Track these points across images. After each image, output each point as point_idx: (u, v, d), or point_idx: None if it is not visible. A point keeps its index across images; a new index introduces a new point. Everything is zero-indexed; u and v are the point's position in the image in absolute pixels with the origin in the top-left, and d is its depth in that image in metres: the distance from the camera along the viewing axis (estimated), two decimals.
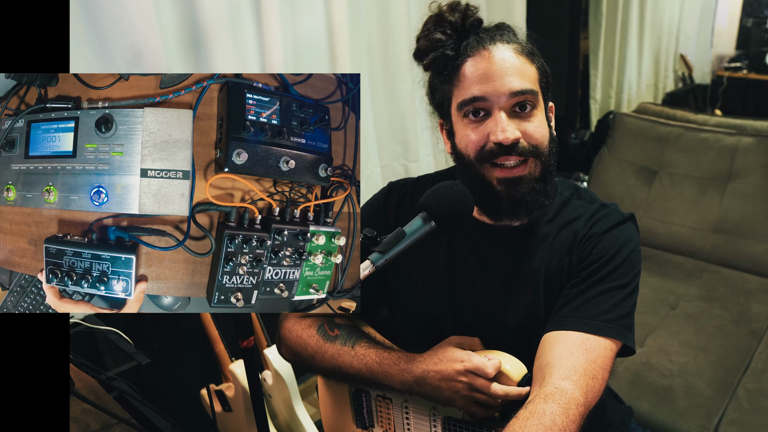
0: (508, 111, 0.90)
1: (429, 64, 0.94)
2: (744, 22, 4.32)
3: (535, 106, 0.92)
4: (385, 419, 1.06)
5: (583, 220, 0.99)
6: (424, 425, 1.01)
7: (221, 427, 1.75)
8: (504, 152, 0.90)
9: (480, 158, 0.93)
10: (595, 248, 0.95)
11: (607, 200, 1.06)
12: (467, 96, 0.91)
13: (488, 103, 0.90)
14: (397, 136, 2.20)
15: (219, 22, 1.58)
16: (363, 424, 1.09)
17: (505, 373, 0.90)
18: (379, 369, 0.96)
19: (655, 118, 2.60)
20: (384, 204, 1.10)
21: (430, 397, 0.93)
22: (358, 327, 1.06)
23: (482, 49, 0.91)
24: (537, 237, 0.99)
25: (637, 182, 2.54)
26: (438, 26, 0.93)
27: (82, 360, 1.23)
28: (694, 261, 2.34)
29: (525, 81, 0.90)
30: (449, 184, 0.88)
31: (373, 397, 1.06)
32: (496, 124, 0.90)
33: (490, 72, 0.90)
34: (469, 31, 0.93)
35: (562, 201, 1.02)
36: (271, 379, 1.69)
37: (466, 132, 0.94)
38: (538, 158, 0.92)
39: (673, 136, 2.50)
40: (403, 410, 1.02)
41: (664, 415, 1.60)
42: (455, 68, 0.93)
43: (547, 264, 0.98)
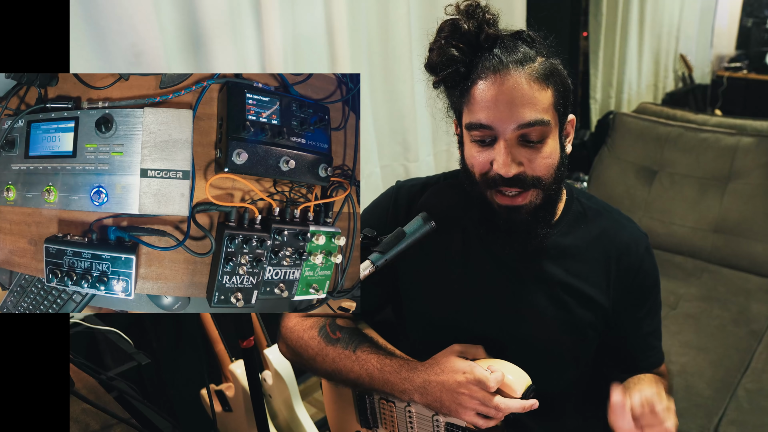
0: (514, 141, 0.87)
1: (440, 81, 0.91)
2: (744, 22, 4.33)
3: (545, 136, 0.88)
4: (389, 421, 1.05)
5: (612, 233, 1.02)
6: (428, 428, 1.01)
7: (221, 427, 1.75)
8: (505, 183, 0.89)
9: (483, 182, 0.92)
10: (642, 276, 1.02)
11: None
12: (474, 120, 0.89)
13: (494, 131, 0.87)
14: (397, 136, 2.20)
15: (219, 22, 1.58)
16: (367, 424, 1.09)
17: (508, 385, 0.89)
18: (380, 376, 0.96)
19: (655, 118, 2.59)
20: (394, 209, 1.07)
21: (431, 407, 0.93)
22: (361, 330, 1.05)
23: (494, 73, 0.86)
24: (557, 245, 0.99)
25: (637, 182, 2.54)
26: (452, 37, 0.88)
27: (82, 360, 1.23)
28: (694, 261, 2.34)
29: (535, 112, 0.86)
30: (450, 184, 0.88)
31: (376, 399, 1.06)
32: (499, 156, 0.87)
33: (499, 101, 0.86)
34: (484, 46, 0.88)
35: (578, 210, 1.03)
36: (271, 379, 1.69)
37: (472, 152, 0.92)
38: (540, 188, 0.91)
39: (673, 136, 2.50)
40: (406, 413, 1.02)
41: None
42: (466, 88, 0.89)
43: (567, 271, 0.99)
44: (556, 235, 0.99)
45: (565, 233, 1.00)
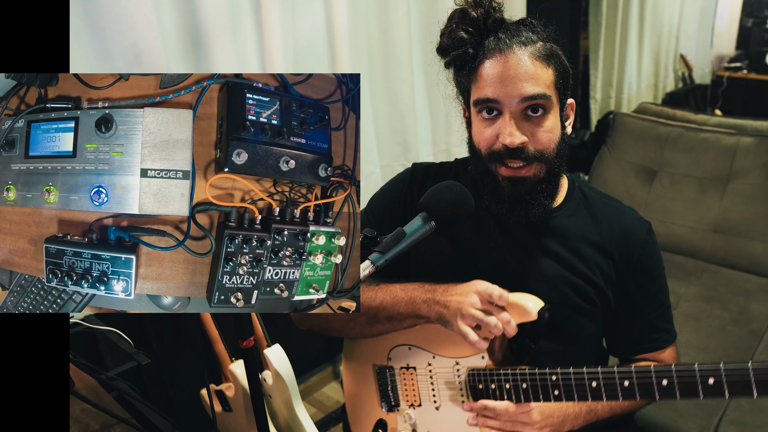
0: (519, 114, 0.95)
1: (450, 61, 0.99)
2: (744, 22, 4.32)
3: (547, 110, 0.96)
4: (411, 392, 1.07)
5: (614, 220, 1.06)
6: (450, 383, 1.03)
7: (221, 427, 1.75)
8: (510, 155, 0.96)
9: (489, 156, 0.98)
10: (645, 261, 1.06)
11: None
12: (481, 96, 0.96)
13: (500, 105, 0.95)
14: (397, 136, 2.20)
15: (219, 22, 1.58)
16: (389, 404, 1.11)
17: (522, 305, 0.93)
18: (404, 294, 1.01)
19: (655, 118, 2.59)
20: (409, 183, 1.14)
21: (440, 316, 0.96)
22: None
23: (499, 52, 0.94)
24: (561, 226, 1.05)
25: (637, 182, 2.54)
26: (462, 23, 0.97)
27: (82, 360, 1.23)
28: (694, 261, 2.34)
29: (537, 86, 0.93)
30: (449, 184, 0.89)
31: (397, 372, 1.08)
32: (504, 127, 0.95)
33: (504, 76, 0.94)
34: (491, 29, 0.97)
35: (580, 197, 1.09)
36: (271, 379, 1.69)
37: (480, 128, 0.99)
38: (543, 162, 0.97)
39: (673, 136, 2.49)
40: (428, 376, 1.04)
41: (664, 415, 1.60)
42: (474, 68, 0.97)
43: (569, 249, 1.04)
44: (560, 217, 1.05)
45: (568, 216, 1.06)
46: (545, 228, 1.05)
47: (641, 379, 0.87)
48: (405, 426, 1.09)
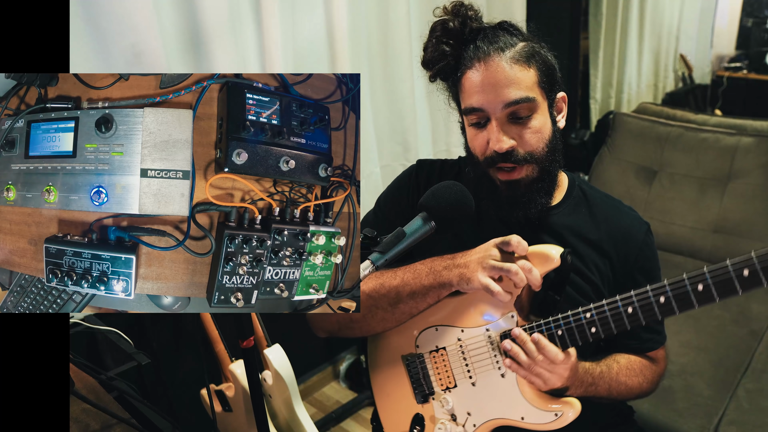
0: (504, 119, 0.97)
1: (434, 75, 1.02)
2: (744, 22, 4.33)
3: (533, 111, 0.97)
4: (444, 375, 1.05)
5: (613, 219, 1.07)
6: (484, 353, 1.01)
7: (221, 427, 1.75)
8: (502, 159, 0.98)
9: (485, 162, 1.01)
10: (641, 261, 1.06)
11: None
12: (467, 105, 0.99)
13: (486, 113, 0.98)
14: (397, 136, 2.20)
15: (219, 23, 1.58)
16: (423, 394, 1.08)
17: (543, 252, 0.93)
18: (423, 267, 1.01)
19: (655, 118, 2.59)
20: (415, 176, 1.16)
21: (462, 276, 0.95)
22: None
23: (478, 61, 0.97)
24: (560, 223, 1.06)
25: (637, 182, 2.54)
26: (443, 35, 1.00)
27: (82, 360, 1.23)
28: (694, 261, 2.34)
29: (519, 90, 0.95)
30: (449, 184, 0.89)
31: (427, 357, 1.06)
32: (492, 133, 0.97)
33: (485, 84, 0.96)
34: (469, 39, 0.99)
35: (579, 195, 1.10)
36: (271, 379, 1.69)
37: (472, 135, 1.02)
38: (534, 162, 0.99)
39: (673, 136, 2.50)
40: (459, 352, 1.03)
41: (664, 415, 1.60)
42: (457, 78, 1.01)
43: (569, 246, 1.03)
44: (559, 215, 1.06)
45: (567, 214, 1.07)
46: (544, 225, 1.06)
47: (675, 290, 0.87)
48: (443, 412, 1.06)
